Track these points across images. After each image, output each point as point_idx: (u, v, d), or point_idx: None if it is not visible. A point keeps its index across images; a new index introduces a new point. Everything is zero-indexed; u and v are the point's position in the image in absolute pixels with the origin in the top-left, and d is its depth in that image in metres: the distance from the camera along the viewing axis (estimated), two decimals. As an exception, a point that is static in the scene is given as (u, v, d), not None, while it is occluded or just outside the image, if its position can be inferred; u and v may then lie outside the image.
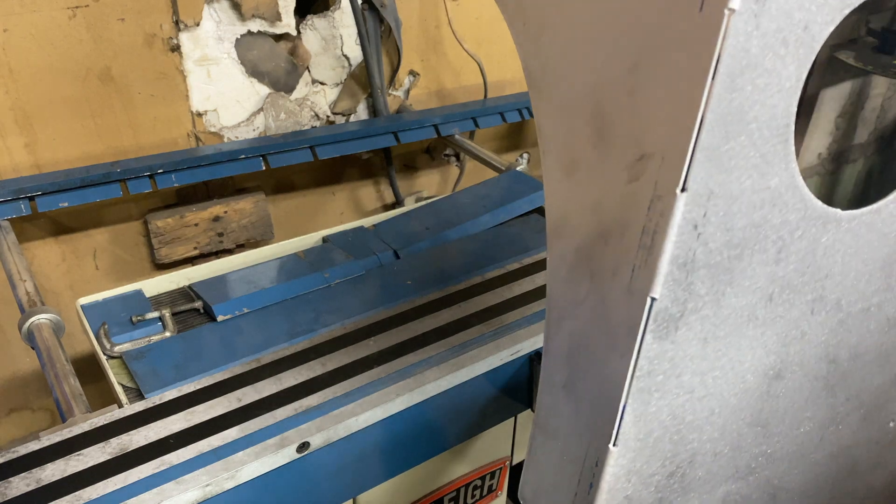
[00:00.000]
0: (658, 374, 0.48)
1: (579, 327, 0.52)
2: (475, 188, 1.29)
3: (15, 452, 0.72)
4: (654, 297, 0.44)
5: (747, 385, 0.53)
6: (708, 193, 0.41)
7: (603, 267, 0.48)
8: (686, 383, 0.49)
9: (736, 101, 0.39)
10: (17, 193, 1.13)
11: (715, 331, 0.48)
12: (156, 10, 1.24)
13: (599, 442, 0.51)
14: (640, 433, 0.50)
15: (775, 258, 0.47)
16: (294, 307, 0.98)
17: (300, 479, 0.76)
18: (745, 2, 0.36)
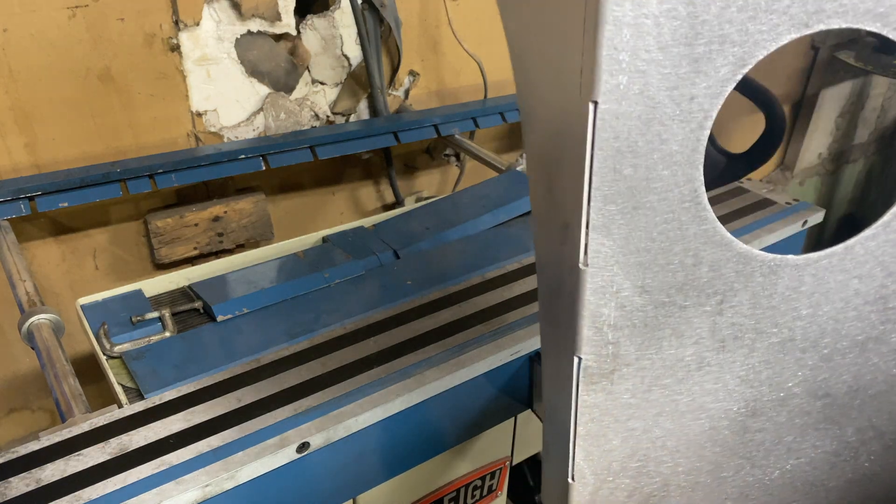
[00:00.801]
0: (601, 420, 0.50)
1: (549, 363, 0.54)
2: (475, 188, 1.29)
3: (15, 452, 0.72)
4: (580, 357, 0.46)
5: (714, 423, 0.54)
6: (613, 264, 0.44)
7: (557, 317, 0.50)
8: (636, 426, 0.51)
9: (622, 181, 0.41)
10: (17, 193, 1.13)
11: (658, 380, 0.50)
12: (155, 9, 1.24)
13: (563, 473, 0.53)
14: (595, 469, 0.52)
15: (716, 310, 0.48)
16: (294, 307, 0.98)
17: (300, 480, 0.76)
18: (608, 93, 0.37)
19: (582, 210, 0.41)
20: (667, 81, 0.38)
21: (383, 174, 1.68)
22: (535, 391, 0.90)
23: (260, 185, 1.48)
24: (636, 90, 0.38)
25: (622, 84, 0.37)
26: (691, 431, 0.53)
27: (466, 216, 1.18)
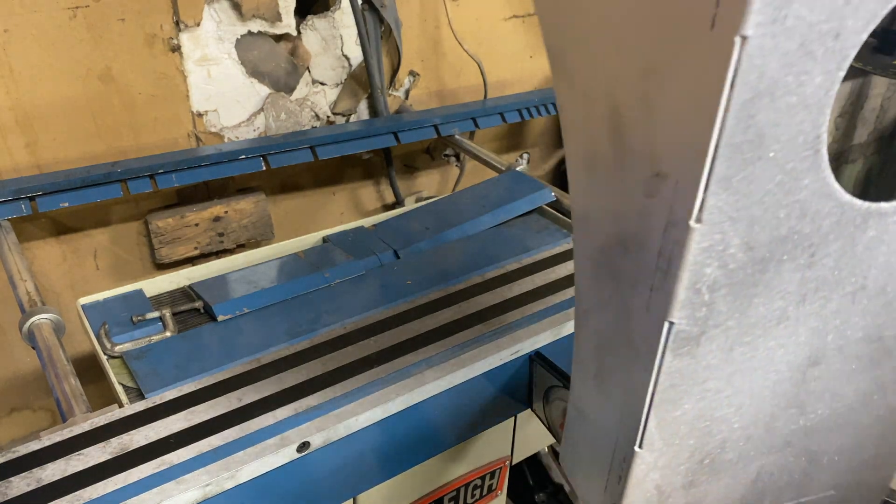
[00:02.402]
0: (680, 386, 0.47)
1: (604, 327, 0.50)
2: (475, 188, 1.29)
3: (15, 452, 0.72)
4: (672, 322, 0.42)
5: (780, 376, 0.51)
6: (727, 219, 0.39)
7: (624, 276, 0.46)
8: (711, 387, 0.48)
9: (753, 127, 0.36)
10: (18, 193, 1.13)
11: (740, 338, 0.47)
12: (156, 10, 1.25)
13: (627, 441, 0.50)
14: (665, 435, 0.49)
15: (807, 263, 0.46)
16: (294, 307, 0.99)
17: (300, 479, 0.76)
18: (759, 26, 0.33)
19: (704, 161, 0.36)
20: (818, 15, 0.34)
21: (383, 174, 1.68)
22: (536, 390, 0.91)
23: (260, 185, 1.48)
24: (788, 24, 0.33)
25: (776, 17, 0.33)
26: (757, 386, 0.51)
27: (466, 216, 1.18)
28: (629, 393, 0.49)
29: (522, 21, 1.72)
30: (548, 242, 1.14)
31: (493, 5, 1.65)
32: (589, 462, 0.58)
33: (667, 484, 0.53)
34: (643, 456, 0.50)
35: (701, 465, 0.53)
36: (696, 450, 0.52)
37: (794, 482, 0.60)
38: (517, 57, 1.76)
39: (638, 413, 0.48)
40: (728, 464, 0.54)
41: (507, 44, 1.72)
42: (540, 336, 0.89)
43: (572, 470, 0.63)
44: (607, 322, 0.50)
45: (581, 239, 0.51)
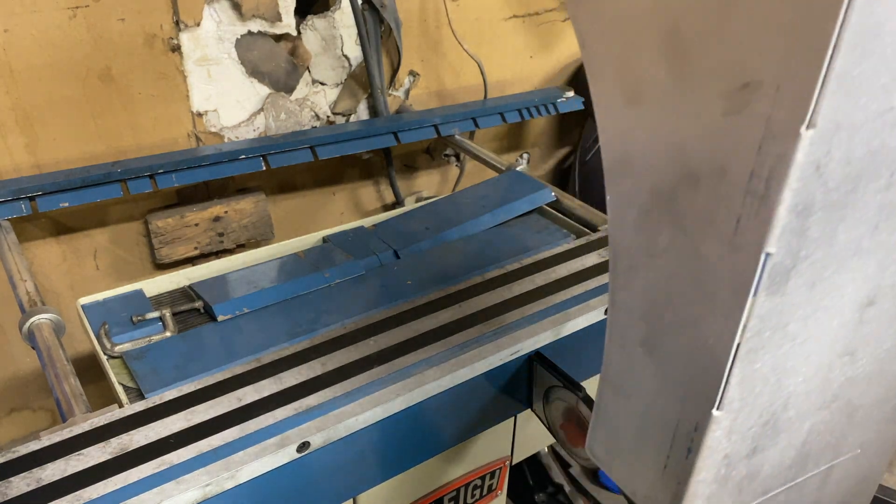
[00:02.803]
0: (766, 331, 0.42)
1: (659, 281, 0.45)
2: (475, 188, 1.29)
3: (15, 452, 0.72)
4: (770, 252, 0.38)
5: (844, 318, 0.47)
6: (835, 127, 0.35)
7: (692, 215, 0.41)
8: (791, 332, 0.44)
9: (876, 13, 0.32)
10: (18, 193, 1.13)
11: (822, 272, 0.42)
12: (156, 10, 1.25)
13: (698, 407, 0.45)
14: (743, 393, 0.44)
15: (887, 184, 0.41)
16: (294, 307, 0.99)
17: (300, 479, 0.76)
18: None
19: (823, 56, 0.32)
20: None
21: (383, 174, 1.68)
22: (536, 390, 0.91)
23: (260, 185, 1.48)
24: None
25: None
26: (823, 330, 0.47)
27: (466, 216, 1.18)
28: (701, 350, 0.43)
29: (522, 21, 1.72)
30: (548, 242, 1.14)
31: (493, 5, 1.65)
32: (636, 444, 0.52)
33: (735, 452, 0.48)
34: (720, 420, 0.44)
35: (765, 428, 0.49)
36: (765, 408, 0.47)
37: (832, 443, 0.56)
38: (517, 57, 1.76)
39: (715, 370, 0.42)
40: (787, 424, 0.50)
41: (508, 44, 1.72)
42: (540, 336, 0.89)
43: (609, 457, 0.57)
44: (665, 275, 0.44)
45: (620, 188, 0.45)
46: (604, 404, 0.55)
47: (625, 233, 0.47)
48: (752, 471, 0.50)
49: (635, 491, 0.53)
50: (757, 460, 0.50)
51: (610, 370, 0.53)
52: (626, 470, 0.54)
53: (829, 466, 0.57)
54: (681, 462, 0.48)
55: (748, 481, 0.50)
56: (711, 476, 0.47)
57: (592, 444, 0.58)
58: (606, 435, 0.56)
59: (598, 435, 0.57)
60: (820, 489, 0.58)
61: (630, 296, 0.49)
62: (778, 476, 0.52)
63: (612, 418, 0.55)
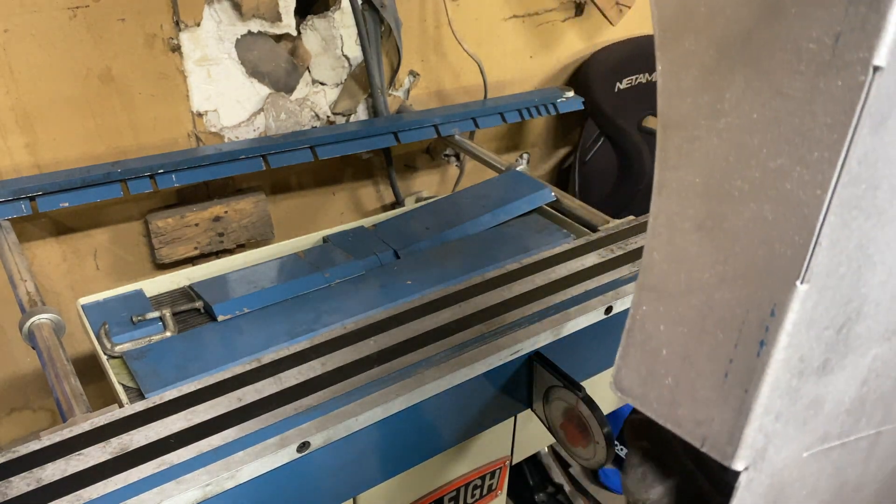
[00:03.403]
0: (862, 182, 0.36)
1: (726, 146, 0.40)
2: (475, 188, 1.29)
3: (15, 452, 0.72)
4: (880, 66, 0.32)
5: None
6: None
7: (773, 53, 0.36)
8: (880, 199, 0.38)
9: None
10: (18, 193, 1.13)
11: None
12: (156, 10, 1.25)
13: (777, 284, 0.39)
14: (831, 265, 0.38)
15: None
16: (294, 307, 0.99)
17: (300, 479, 0.76)
18: None
19: None
20: None
21: (383, 174, 1.68)
22: (536, 390, 0.91)
23: (260, 185, 1.49)
24: None
25: None
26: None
27: (466, 216, 1.18)
28: (784, 211, 0.38)
29: (522, 21, 1.72)
30: (548, 242, 1.14)
31: (493, 5, 1.65)
32: (685, 357, 0.45)
33: (810, 356, 0.41)
34: (805, 296, 0.38)
35: (839, 335, 0.43)
36: (843, 306, 0.41)
37: (886, 396, 0.50)
38: (517, 57, 1.76)
39: (804, 231, 0.37)
40: (856, 341, 0.44)
41: (508, 44, 1.72)
42: (540, 336, 0.89)
43: (644, 387, 0.48)
44: (735, 136, 0.40)
45: (677, 50, 0.41)
46: (641, 320, 0.47)
47: (681, 100, 0.42)
48: (818, 397, 0.44)
49: (682, 419, 0.45)
50: (824, 384, 0.43)
51: (652, 273, 0.46)
52: (668, 396, 0.47)
53: (878, 433, 0.52)
54: (750, 362, 0.41)
55: (813, 413, 0.44)
56: (785, 383, 0.41)
57: (621, 375, 0.50)
58: (643, 358, 0.48)
59: (630, 362, 0.49)
60: (866, 461, 0.53)
61: (686, 174, 0.43)
62: (836, 421, 0.47)
63: (651, 334, 0.47)
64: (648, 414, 0.48)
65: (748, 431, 0.41)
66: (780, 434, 0.43)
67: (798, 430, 0.44)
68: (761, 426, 0.41)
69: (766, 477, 0.44)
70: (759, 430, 0.41)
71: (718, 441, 0.43)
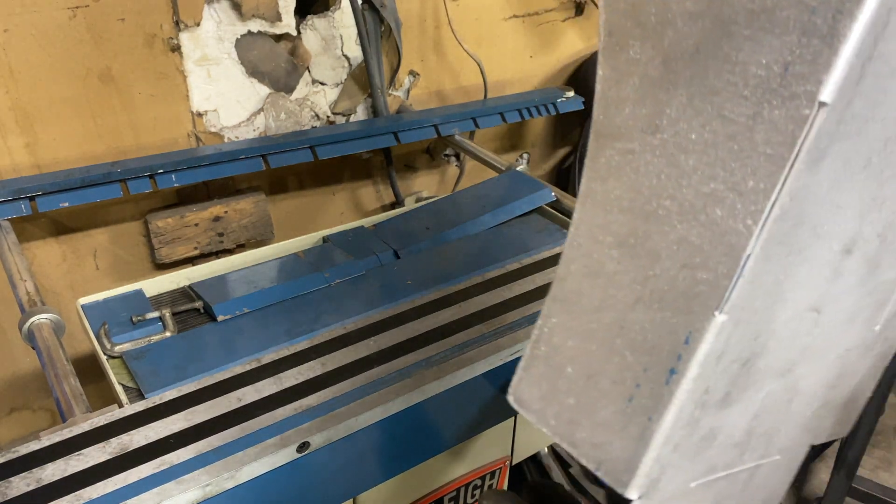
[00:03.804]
0: (791, 219, 0.35)
1: (659, 163, 0.39)
2: (475, 188, 1.29)
3: (15, 452, 0.72)
4: (825, 102, 0.32)
5: (827, 258, 0.41)
6: None
7: (720, 72, 0.35)
8: (802, 237, 0.37)
9: None
10: (18, 193, 1.13)
11: (843, 171, 0.36)
12: (156, 10, 1.24)
13: (696, 311, 0.37)
14: (749, 298, 0.37)
15: None
16: (294, 307, 0.99)
17: (300, 479, 0.76)
18: None
19: None
20: None
21: (383, 174, 1.68)
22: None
23: (260, 185, 1.48)
24: None
25: None
26: (817, 259, 0.40)
27: (466, 216, 1.18)
28: (710, 238, 0.36)
29: (522, 21, 1.72)
30: (548, 242, 1.14)
31: (493, 5, 1.65)
32: (589, 377, 0.43)
33: (714, 389, 0.40)
34: (721, 328, 0.36)
35: (741, 370, 0.42)
36: (753, 340, 0.40)
37: (768, 433, 0.50)
38: (517, 57, 1.76)
39: (727, 261, 0.36)
40: (755, 376, 0.44)
41: (508, 43, 1.72)
42: (540, 336, 0.88)
43: (543, 401, 0.46)
44: (669, 153, 0.38)
45: (622, 57, 0.39)
46: (549, 332, 0.45)
47: (619, 110, 0.40)
48: (714, 429, 0.43)
49: (579, 441, 0.43)
50: (721, 417, 0.43)
51: (566, 285, 0.44)
52: (567, 415, 0.45)
53: (756, 465, 0.52)
54: (658, 389, 0.39)
55: (706, 445, 0.43)
56: (688, 414, 0.39)
57: (521, 388, 0.47)
58: (546, 372, 0.46)
59: (532, 374, 0.47)
60: (742, 492, 0.53)
61: (614, 187, 0.41)
62: (724, 453, 0.47)
63: (558, 348, 0.45)
64: (545, 430, 0.45)
65: (646, 460, 0.40)
66: (674, 464, 0.42)
67: (690, 460, 0.43)
68: (659, 456, 0.40)
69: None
70: (656, 461, 0.40)
71: (615, 467, 0.41)
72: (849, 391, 0.54)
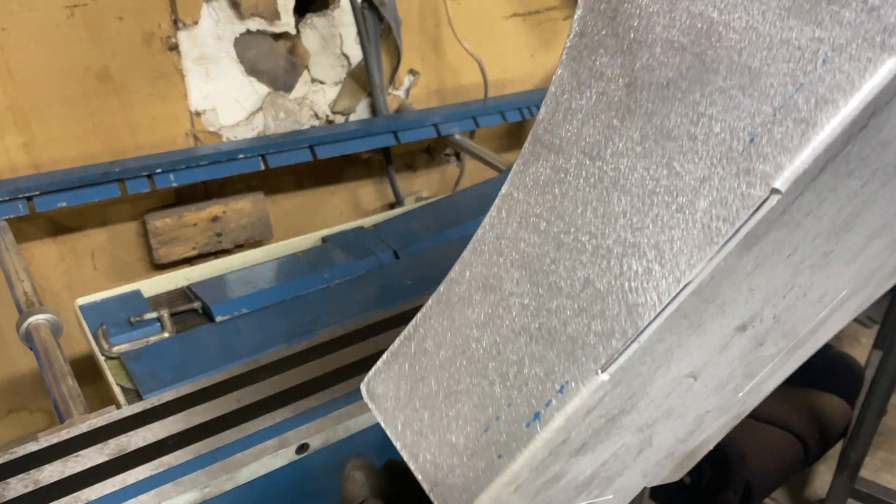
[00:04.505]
0: (704, 296, 0.33)
1: (585, 193, 0.37)
2: (475, 188, 1.28)
3: (13, 454, 0.71)
4: (778, 190, 0.30)
5: (722, 333, 0.40)
6: None
7: (683, 115, 0.33)
8: (707, 314, 0.36)
9: None
10: (16, 193, 1.12)
11: (768, 257, 0.34)
12: (154, 8, 1.24)
13: (578, 363, 0.35)
14: (637, 363, 0.36)
15: None
16: (293, 308, 0.98)
17: (299, 481, 0.75)
18: None
19: None
20: None
21: (383, 174, 1.67)
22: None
23: (259, 185, 1.48)
24: None
25: None
26: (709, 336, 0.39)
27: (466, 216, 1.18)
28: (616, 294, 0.34)
29: (523, 19, 1.71)
30: (548, 242, 1.14)
31: (494, 3, 1.64)
32: (450, 393, 0.41)
33: (573, 440, 0.38)
34: (599, 387, 0.34)
35: (606, 424, 0.40)
36: (626, 400, 0.38)
37: (611, 477, 0.49)
38: (518, 55, 1.75)
39: (627, 322, 0.34)
40: (617, 430, 0.42)
41: (508, 42, 1.71)
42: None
43: (393, 403, 0.44)
44: (612, 183, 0.35)
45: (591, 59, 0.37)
46: (423, 334, 0.43)
47: (566, 121, 0.38)
48: (560, 473, 0.41)
49: (421, 455, 0.41)
50: (571, 464, 0.41)
51: (456, 290, 0.42)
52: (417, 426, 0.42)
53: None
54: (517, 430, 0.37)
55: (547, 486, 0.41)
56: (539, 460, 0.37)
57: (377, 382, 0.45)
58: (408, 374, 0.43)
59: (392, 373, 0.44)
60: None
61: (535, 203, 0.39)
62: (562, 494, 0.45)
63: (428, 354, 0.42)
64: (389, 434, 0.43)
65: (483, 497, 0.38)
66: (510, 502, 0.40)
67: (528, 499, 0.41)
68: (499, 496, 0.38)
69: None
70: (494, 499, 0.38)
71: (449, 495, 0.39)
72: (694, 445, 0.52)
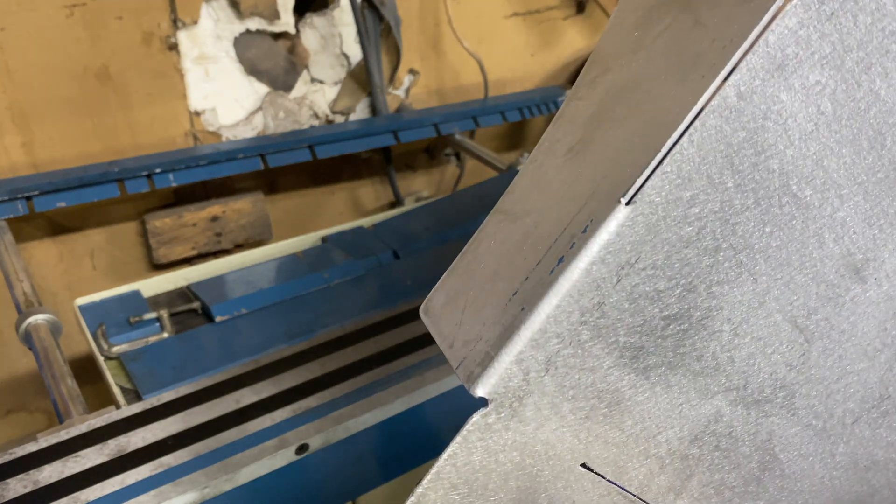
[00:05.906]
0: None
1: (629, 74, 0.39)
2: (475, 188, 1.28)
3: (12, 454, 0.71)
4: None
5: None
6: None
7: None
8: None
9: None
10: (14, 193, 1.12)
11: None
12: (154, 8, 1.24)
13: (604, 199, 0.34)
14: (656, 190, 0.34)
15: None
16: (293, 308, 0.98)
17: (299, 482, 0.75)
18: None
19: None
20: None
21: (383, 174, 1.67)
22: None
23: (259, 185, 1.48)
24: None
25: None
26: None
27: (466, 216, 1.18)
28: (649, 127, 0.35)
29: (523, 19, 1.71)
30: (548, 242, 1.14)
31: (494, 3, 1.64)
32: (492, 276, 0.40)
33: (602, 290, 0.35)
34: (622, 217, 0.33)
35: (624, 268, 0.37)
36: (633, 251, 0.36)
37: None
38: (518, 55, 1.75)
39: (649, 155, 0.33)
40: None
41: (508, 42, 1.71)
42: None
43: (445, 308, 0.42)
44: (642, 64, 0.38)
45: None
46: (477, 240, 0.43)
47: (617, 35, 0.41)
48: (583, 344, 0.38)
49: (457, 339, 0.40)
50: (594, 325, 0.37)
51: (510, 197, 0.43)
52: (458, 316, 0.41)
53: None
54: (541, 280, 0.35)
55: (573, 360, 0.37)
56: (564, 315, 0.35)
57: (434, 297, 0.44)
58: (460, 277, 0.43)
59: (447, 283, 0.43)
60: None
61: (586, 105, 0.41)
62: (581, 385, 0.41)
63: (479, 254, 0.42)
64: (431, 332, 0.42)
65: (504, 355, 0.35)
66: (541, 385, 0.37)
67: (555, 381, 0.38)
68: (522, 357, 0.35)
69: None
70: (517, 362, 0.35)
71: (472, 361, 0.37)
72: None
